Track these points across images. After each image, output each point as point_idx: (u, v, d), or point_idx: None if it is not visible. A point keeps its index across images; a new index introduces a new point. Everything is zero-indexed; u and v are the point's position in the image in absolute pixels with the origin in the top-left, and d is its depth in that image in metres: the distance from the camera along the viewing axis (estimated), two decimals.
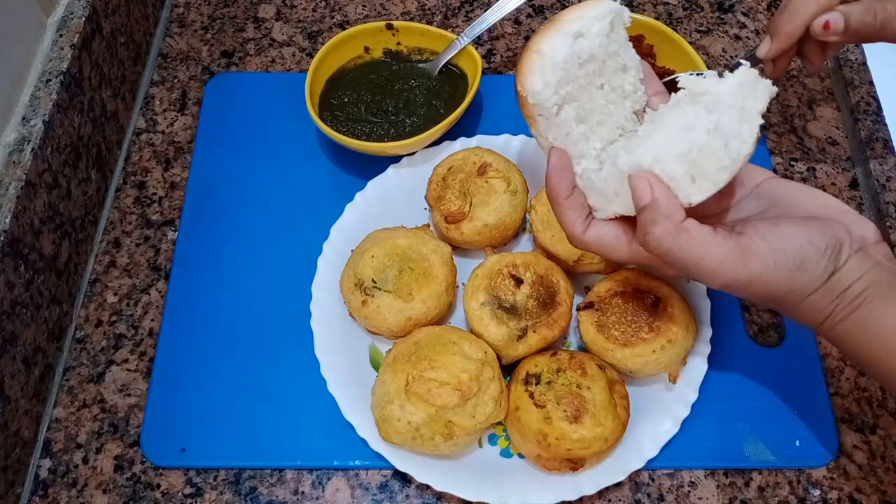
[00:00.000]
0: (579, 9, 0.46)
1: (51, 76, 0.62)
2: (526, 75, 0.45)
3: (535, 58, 0.45)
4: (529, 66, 0.46)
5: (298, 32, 0.80)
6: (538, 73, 0.45)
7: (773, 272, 0.42)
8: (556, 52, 0.45)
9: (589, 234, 0.46)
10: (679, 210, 0.42)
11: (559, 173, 0.47)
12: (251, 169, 0.71)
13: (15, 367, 0.55)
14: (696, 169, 0.41)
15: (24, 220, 0.56)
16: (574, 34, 0.45)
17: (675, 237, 0.41)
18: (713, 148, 0.41)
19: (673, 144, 0.41)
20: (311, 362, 0.59)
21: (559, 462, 0.53)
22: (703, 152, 0.41)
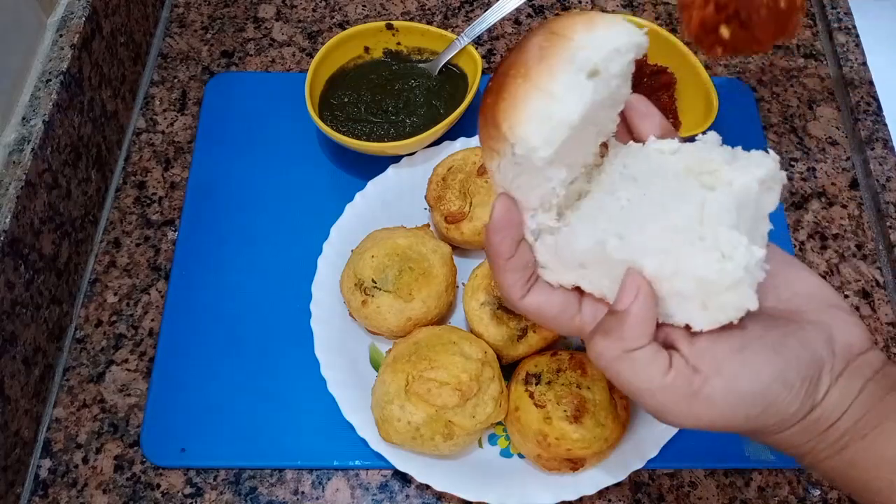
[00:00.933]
0: (591, 28, 0.36)
1: (51, 76, 0.62)
2: (520, 118, 0.35)
3: (540, 101, 0.35)
4: (529, 107, 0.35)
5: (298, 32, 0.80)
6: (541, 126, 0.35)
7: (729, 418, 0.35)
8: (572, 108, 0.34)
9: (529, 300, 0.39)
10: (642, 337, 0.35)
11: (505, 231, 0.38)
12: (251, 169, 0.71)
13: (15, 367, 0.55)
14: (715, 298, 0.34)
15: (24, 220, 0.56)
16: (589, 71, 0.35)
17: (616, 361, 0.36)
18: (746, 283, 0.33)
19: (689, 255, 0.34)
20: (311, 362, 0.59)
21: (559, 462, 0.53)
22: (726, 283, 0.33)
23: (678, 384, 0.35)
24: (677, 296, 0.35)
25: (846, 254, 0.67)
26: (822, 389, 0.35)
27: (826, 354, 0.36)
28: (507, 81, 0.35)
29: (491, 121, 0.36)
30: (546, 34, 0.36)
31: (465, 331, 0.58)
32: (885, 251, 0.67)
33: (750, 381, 0.34)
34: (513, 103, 0.35)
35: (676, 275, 0.34)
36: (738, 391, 0.34)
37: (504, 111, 0.35)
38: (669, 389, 0.35)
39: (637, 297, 0.35)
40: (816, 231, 0.68)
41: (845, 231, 0.68)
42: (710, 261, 0.33)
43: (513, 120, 0.35)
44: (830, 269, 0.67)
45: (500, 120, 0.35)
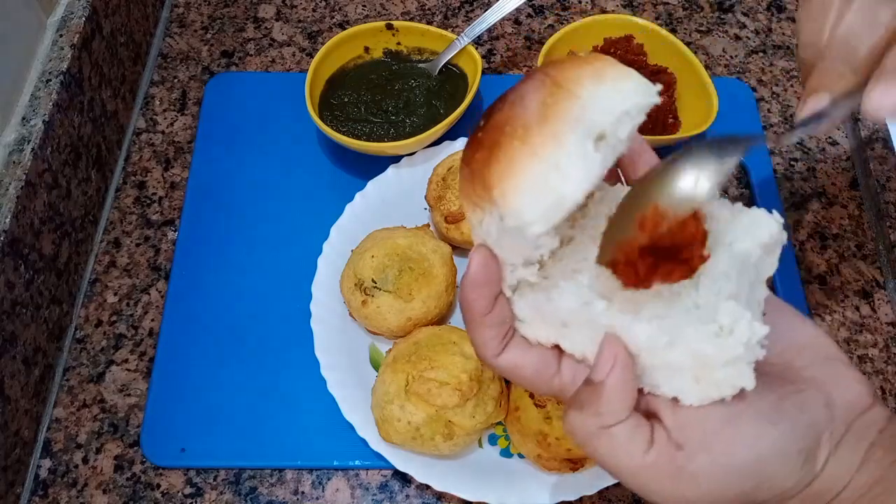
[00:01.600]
0: (600, 82, 0.31)
1: (51, 76, 0.62)
2: (516, 188, 0.30)
3: (539, 171, 0.30)
4: (526, 178, 0.30)
5: (298, 32, 0.80)
6: (538, 202, 0.30)
7: (717, 497, 0.32)
8: (577, 185, 0.30)
9: (504, 358, 0.36)
10: (621, 411, 0.32)
11: (482, 287, 0.34)
12: (251, 169, 0.71)
13: (15, 367, 0.55)
14: (710, 373, 0.31)
15: (24, 220, 0.56)
16: (596, 136, 0.30)
17: (593, 437, 0.33)
18: (745, 360, 0.31)
19: (684, 324, 0.31)
20: (311, 362, 0.59)
21: (559, 462, 0.53)
22: (723, 359, 0.31)
23: (660, 462, 0.32)
24: (668, 368, 0.32)
25: (846, 254, 0.67)
26: (821, 459, 0.33)
27: (825, 419, 0.33)
28: (502, 140, 0.31)
29: (479, 180, 0.32)
30: (550, 87, 0.31)
31: (465, 331, 0.58)
32: (885, 251, 0.67)
33: (741, 456, 0.31)
34: (508, 168, 0.30)
35: (671, 346, 0.31)
36: (729, 467, 0.32)
37: (497, 174, 0.31)
38: (651, 468, 0.32)
39: (614, 367, 0.32)
40: (816, 231, 0.68)
41: (845, 231, 0.68)
42: (707, 334, 0.31)
43: (506, 187, 0.30)
44: (830, 269, 0.67)
45: (492, 183, 0.31)
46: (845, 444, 0.33)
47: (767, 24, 0.81)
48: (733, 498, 0.32)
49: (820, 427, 0.33)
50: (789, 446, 0.32)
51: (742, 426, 0.32)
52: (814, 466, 0.32)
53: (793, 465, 0.32)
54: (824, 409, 0.33)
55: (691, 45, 0.79)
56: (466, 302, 0.35)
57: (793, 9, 0.82)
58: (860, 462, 0.33)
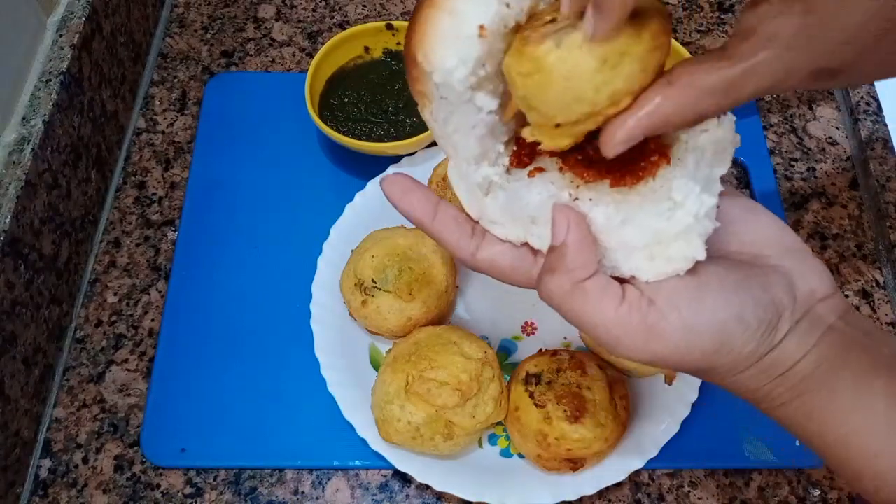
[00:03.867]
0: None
1: (51, 76, 0.62)
2: (432, 44, 0.33)
3: (445, 20, 0.33)
4: (437, 30, 0.33)
5: (298, 32, 0.80)
6: (451, 45, 0.33)
7: (684, 354, 0.35)
8: (479, 17, 0.33)
9: (481, 255, 0.38)
10: (586, 266, 0.34)
11: (407, 195, 0.38)
12: (251, 169, 0.71)
13: (15, 367, 0.55)
14: (663, 249, 0.34)
15: (24, 220, 0.56)
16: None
17: (568, 296, 0.35)
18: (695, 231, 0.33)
19: (638, 203, 0.34)
20: (311, 362, 0.59)
21: (559, 462, 0.53)
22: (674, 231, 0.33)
23: (633, 317, 0.34)
24: (625, 247, 0.34)
25: (846, 254, 0.67)
26: (780, 333, 0.35)
27: (787, 299, 0.36)
28: (417, 14, 0.34)
29: (410, 59, 0.34)
30: None
31: (465, 331, 0.58)
32: (885, 251, 0.67)
33: (706, 318, 0.34)
34: (423, 31, 0.33)
35: (625, 224, 0.34)
36: (694, 327, 0.34)
37: (417, 43, 0.33)
38: (624, 322, 0.34)
39: (570, 227, 0.34)
40: (816, 231, 0.68)
41: (845, 231, 0.68)
42: (660, 211, 0.33)
43: (425, 48, 0.33)
44: (830, 269, 0.67)
45: (416, 52, 0.33)
46: (803, 323, 0.36)
47: None
48: (698, 357, 0.35)
49: (782, 305, 0.35)
50: (749, 316, 0.34)
51: (709, 293, 0.34)
52: (773, 338, 0.35)
53: (751, 333, 0.35)
54: (786, 290, 0.36)
55: (691, 46, 0.79)
56: (406, 215, 0.38)
57: None
58: (815, 342, 0.35)
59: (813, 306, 0.36)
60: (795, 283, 0.36)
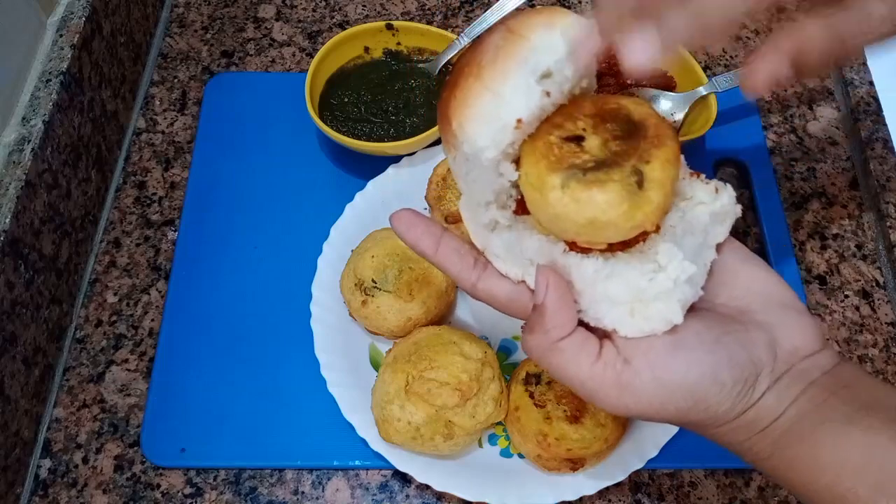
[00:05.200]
0: (550, 27, 0.34)
1: (51, 76, 0.62)
2: (468, 118, 0.34)
3: (486, 100, 0.34)
4: (477, 108, 0.34)
5: (298, 32, 0.80)
6: (487, 127, 0.34)
7: (658, 409, 0.35)
8: (517, 110, 0.34)
9: (480, 287, 0.39)
10: (564, 325, 0.36)
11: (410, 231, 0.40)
12: (251, 169, 0.71)
13: (15, 367, 0.55)
14: (643, 308, 0.35)
15: (24, 220, 0.56)
16: (541, 74, 0.34)
17: (547, 352, 0.36)
18: (675, 296, 0.35)
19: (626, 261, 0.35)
20: (311, 362, 0.59)
21: (559, 462, 0.53)
22: (654, 293, 0.35)
23: (607, 374, 0.35)
24: (608, 300, 0.35)
25: (846, 254, 0.67)
26: (758, 391, 0.36)
27: (766, 357, 0.36)
28: (460, 79, 0.35)
29: (444, 116, 0.36)
30: (504, 33, 0.35)
31: (465, 331, 0.58)
32: (885, 251, 0.67)
33: (679, 377, 0.35)
34: (463, 101, 0.35)
35: (610, 277, 0.35)
36: (666, 385, 0.35)
37: (455, 108, 0.35)
38: (598, 378, 0.35)
39: (549, 289, 0.35)
40: (816, 231, 0.68)
41: (845, 231, 0.68)
42: (644, 271, 0.35)
43: (462, 118, 0.35)
44: (830, 269, 0.67)
45: (451, 117, 0.35)
46: (784, 381, 0.36)
47: (767, 24, 0.81)
48: (672, 412, 0.36)
49: (760, 363, 0.36)
50: (724, 375, 0.35)
51: (683, 351, 0.35)
52: (751, 396, 0.36)
53: (727, 392, 0.35)
54: (767, 347, 0.36)
55: None
56: (412, 247, 0.40)
57: (793, 9, 0.82)
58: (794, 397, 0.36)
59: (796, 363, 0.36)
60: (778, 341, 0.36)
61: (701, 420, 0.36)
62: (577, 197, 0.33)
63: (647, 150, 0.34)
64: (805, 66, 0.36)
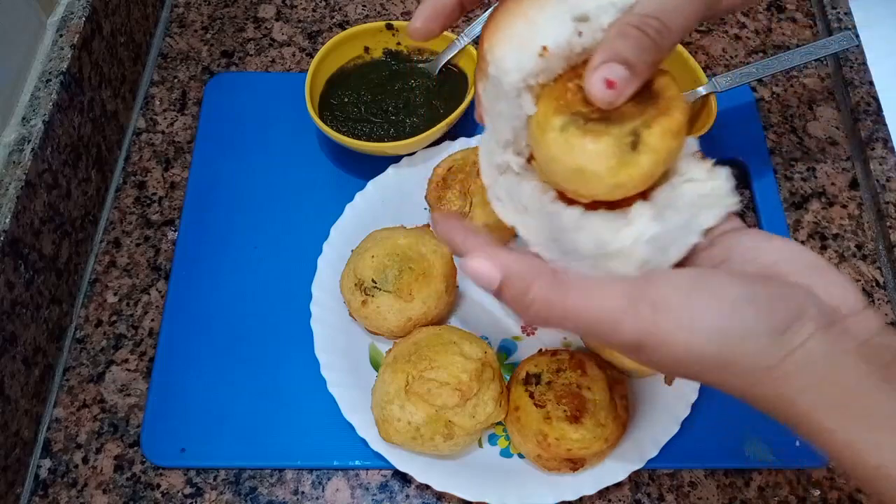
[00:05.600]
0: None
1: (51, 76, 0.62)
2: (499, 40, 0.35)
3: (518, 25, 0.35)
4: (509, 30, 0.35)
5: (298, 32, 0.80)
6: (514, 51, 0.35)
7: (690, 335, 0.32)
8: (547, 38, 0.34)
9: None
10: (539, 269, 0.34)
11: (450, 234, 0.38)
12: (251, 169, 0.71)
13: (15, 367, 0.55)
14: (605, 262, 0.35)
15: (24, 220, 0.56)
16: (578, 16, 0.35)
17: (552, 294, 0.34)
18: (635, 254, 0.34)
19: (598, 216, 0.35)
20: (311, 362, 0.59)
21: (559, 462, 0.53)
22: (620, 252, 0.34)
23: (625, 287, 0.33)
24: (576, 251, 0.35)
25: (846, 254, 0.67)
26: (800, 336, 0.32)
27: (806, 303, 0.33)
28: (503, 7, 0.36)
29: (482, 43, 0.37)
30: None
31: (465, 331, 0.58)
32: (885, 251, 0.67)
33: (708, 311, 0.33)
34: (497, 25, 0.35)
35: (580, 230, 0.35)
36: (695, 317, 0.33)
37: (489, 32, 0.36)
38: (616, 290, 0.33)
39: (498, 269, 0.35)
40: (816, 231, 0.68)
41: (845, 231, 0.68)
42: (612, 226, 0.34)
43: (493, 40, 0.35)
44: None
45: (485, 40, 0.36)
46: (833, 332, 0.33)
47: (767, 24, 0.81)
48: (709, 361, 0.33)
49: (800, 308, 0.33)
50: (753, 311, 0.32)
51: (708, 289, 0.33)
52: (790, 342, 0.32)
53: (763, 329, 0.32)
54: (806, 296, 0.33)
55: (691, 46, 0.79)
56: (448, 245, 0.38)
57: (793, 9, 0.82)
58: (847, 351, 0.32)
59: (838, 321, 0.33)
60: (819, 296, 0.33)
61: (734, 363, 0.33)
62: (571, 142, 0.34)
63: (654, 116, 0.34)
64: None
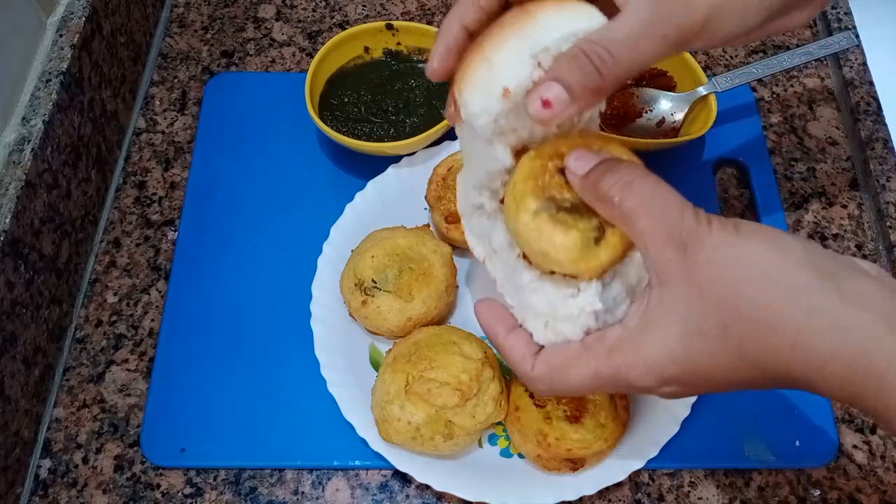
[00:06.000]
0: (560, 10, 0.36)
1: (51, 76, 0.62)
2: (466, 83, 0.37)
3: (481, 69, 0.36)
4: (473, 74, 0.36)
5: (298, 32, 0.80)
6: (479, 94, 0.36)
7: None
8: (508, 78, 0.35)
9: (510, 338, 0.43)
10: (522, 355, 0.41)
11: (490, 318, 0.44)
12: (251, 169, 0.71)
13: (15, 367, 0.55)
14: (554, 323, 0.39)
15: (24, 220, 0.56)
16: (539, 49, 0.35)
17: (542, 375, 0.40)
18: (579, 322, 0.39)
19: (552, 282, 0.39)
20: (311, 362, 0.59)
21: (559, 462, 0.53)
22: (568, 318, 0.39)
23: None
24: (531, 308, 0.40)
25: (846, 254, 0.67)
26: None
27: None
28: (470, 50, 0.38)
29: (453, 83, 0.39)
30: (517, 11, 0.37)
31: (465, 331, 0.58)
32: (885, 251, 0.67)
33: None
34: (467, 70, 0.37)
35: (536, 292, 0.39)
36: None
37: (461, 76, 0.37)
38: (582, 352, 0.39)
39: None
40: (816, 231, 0.68)
41: (845, 231, 0.68)
42: (564, 294, 0.38)
43: (462, 84, 0.37)
44: None
45: (455, 82, 0.38)
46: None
47: None
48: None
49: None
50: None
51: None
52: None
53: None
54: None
55: None
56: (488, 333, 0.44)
57: None
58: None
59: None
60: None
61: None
62: (541, 228, 0.37)
63: None
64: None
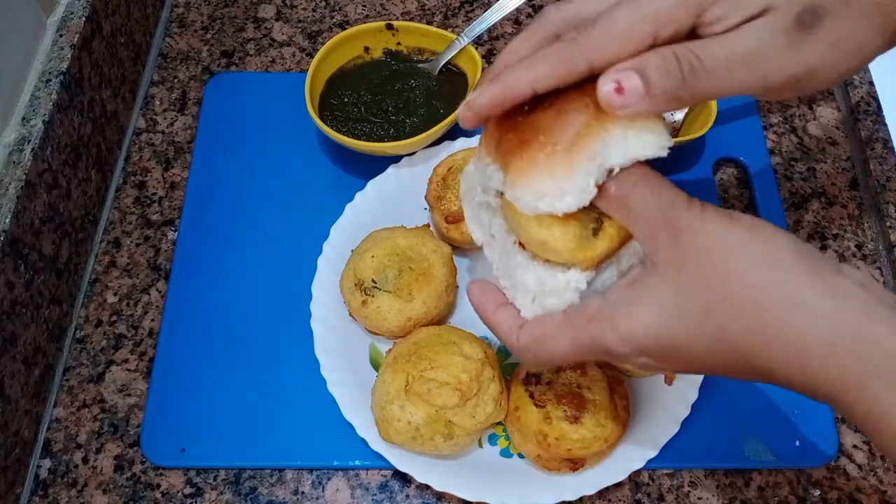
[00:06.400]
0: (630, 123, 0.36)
1: (51, 76, 0.62)
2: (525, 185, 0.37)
3: (548, 183, 0.36)
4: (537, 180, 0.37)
5: (298, 32, 0.80)
6: (534, 198, 0.37)
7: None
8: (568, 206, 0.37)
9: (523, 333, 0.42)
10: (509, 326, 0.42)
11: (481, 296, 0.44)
12: (251, 169, 0.71)
13: (15, 367, 0.55)
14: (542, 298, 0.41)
15: (24, 220, 0.56)
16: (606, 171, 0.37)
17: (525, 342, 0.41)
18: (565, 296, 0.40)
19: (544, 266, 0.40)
20: (312, 362, 0.59)
21: (559, 462, 0.53)
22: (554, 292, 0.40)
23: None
24: (522, 285, 0.41)
25: (846, 254, 0.67)
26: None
27: None
28: (535, 144, 0.36)
29: (501, 155, 0.38)
30: (589, 118, 0.36)
31: (465, 331, 0.58)
32: (885, 251, 0.67)
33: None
34: (527, 168, 0.36)
35: (526, 269, 0.40)
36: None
37: (517, 166, 0.37)
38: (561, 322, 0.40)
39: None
40: (816, 231, 0.68)
41: (845, 231, 0.68)
42: (552, 271, 0.40)
43: (518, 180, 0.37)
44: None
45: (509, 167, 0.37)
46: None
47: None
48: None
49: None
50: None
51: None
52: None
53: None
54: None
55: None
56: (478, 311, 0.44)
57: None
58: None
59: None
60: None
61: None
62: (541, 218, 0.38)
63: None
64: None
